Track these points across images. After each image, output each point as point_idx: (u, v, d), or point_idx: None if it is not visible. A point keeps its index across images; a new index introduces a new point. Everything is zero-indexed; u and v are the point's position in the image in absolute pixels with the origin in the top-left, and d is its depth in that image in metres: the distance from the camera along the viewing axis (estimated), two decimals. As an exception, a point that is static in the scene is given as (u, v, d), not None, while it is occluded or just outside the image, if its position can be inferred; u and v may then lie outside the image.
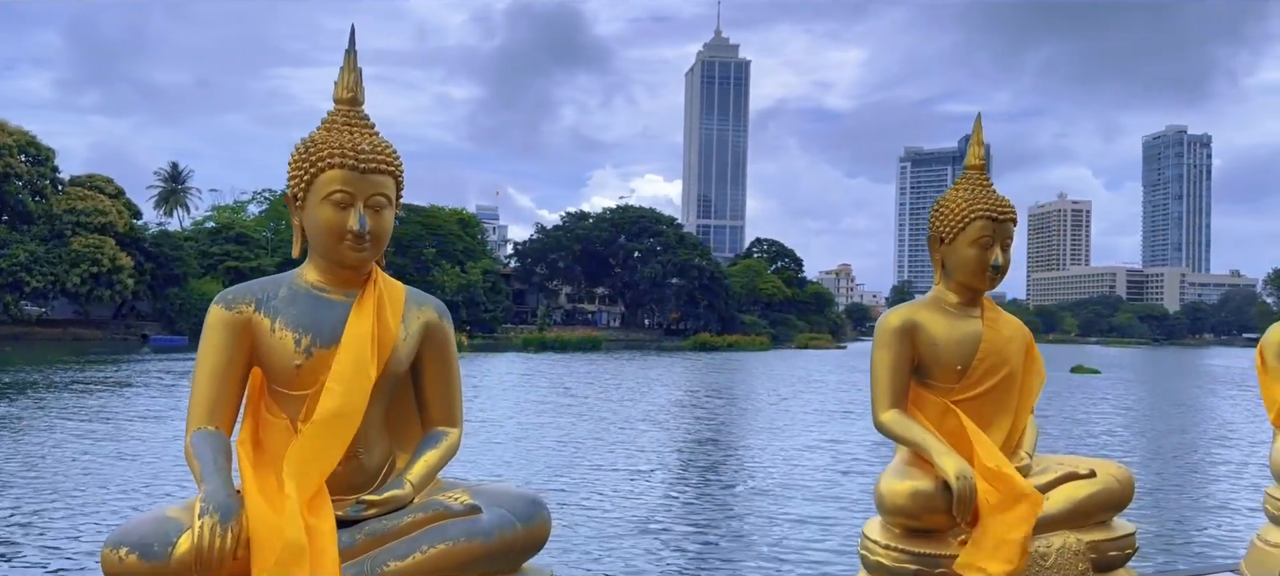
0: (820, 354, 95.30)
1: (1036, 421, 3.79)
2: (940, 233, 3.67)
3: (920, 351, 3.59)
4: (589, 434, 20.82)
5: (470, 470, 15.19)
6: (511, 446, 18.56)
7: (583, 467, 16.06)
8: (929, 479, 3.29)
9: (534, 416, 24.62)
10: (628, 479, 15.00)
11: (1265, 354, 4.56)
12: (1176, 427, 27.24)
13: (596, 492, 13.67)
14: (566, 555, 9.83)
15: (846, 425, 27.74)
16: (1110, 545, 3.46)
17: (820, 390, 41.58)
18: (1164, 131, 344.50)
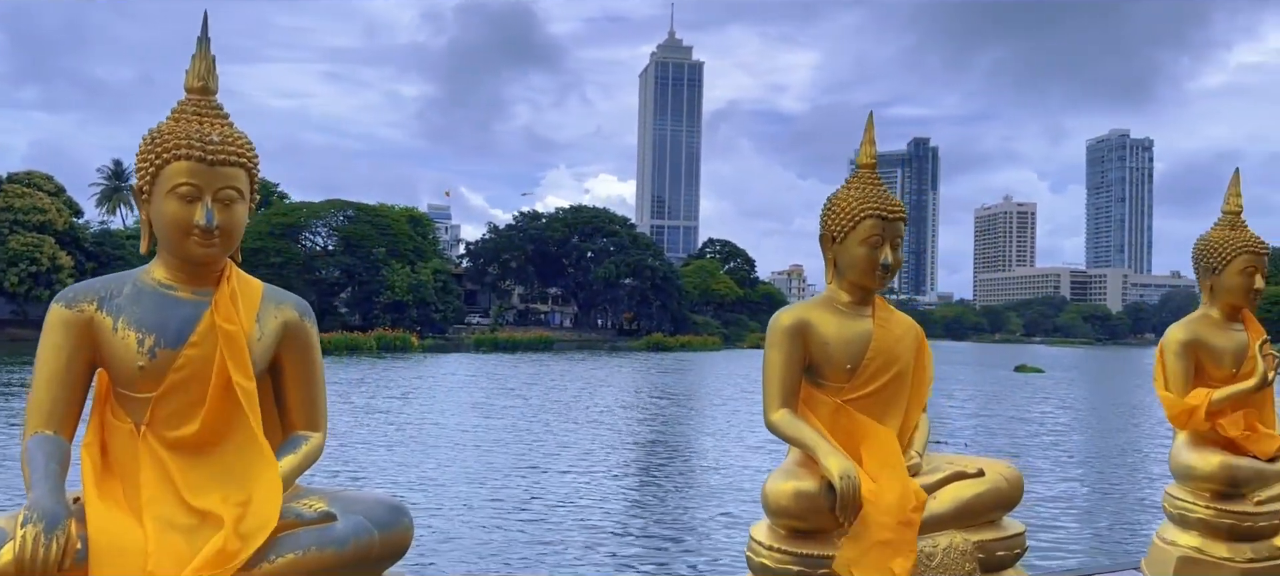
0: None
1: (928, 419, 3.78)
2: (831, 231, 3.65)
3: (811, 351, 3.56)
4: (527, 435, 20.65)
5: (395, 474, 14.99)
6: (445, 448, 18.35)
7: (520, 469, 15.92)
8: (814, 479, 3.25)
9: (472, 417, 24.38)
10: (567, 481, 14.89)
11: (1164, 354, 4.60)
12: (1114, 427, 27.77)
13: (534, 495, 13.55)
14: (491, 559, 9.72)
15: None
16: (998, 544, 3.45)
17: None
18: (1107, 135, 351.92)
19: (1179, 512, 4.35)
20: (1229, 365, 4.52)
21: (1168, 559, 4.31)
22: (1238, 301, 4.58)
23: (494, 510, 12.12)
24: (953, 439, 27.19)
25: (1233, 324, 4.63)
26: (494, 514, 11.88)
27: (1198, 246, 4.75)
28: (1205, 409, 4.41)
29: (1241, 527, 4.20)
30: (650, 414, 27.61)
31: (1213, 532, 4.23)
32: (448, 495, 13.06)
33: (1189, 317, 4.68)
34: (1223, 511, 4.22)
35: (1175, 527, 4.39)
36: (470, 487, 13.81)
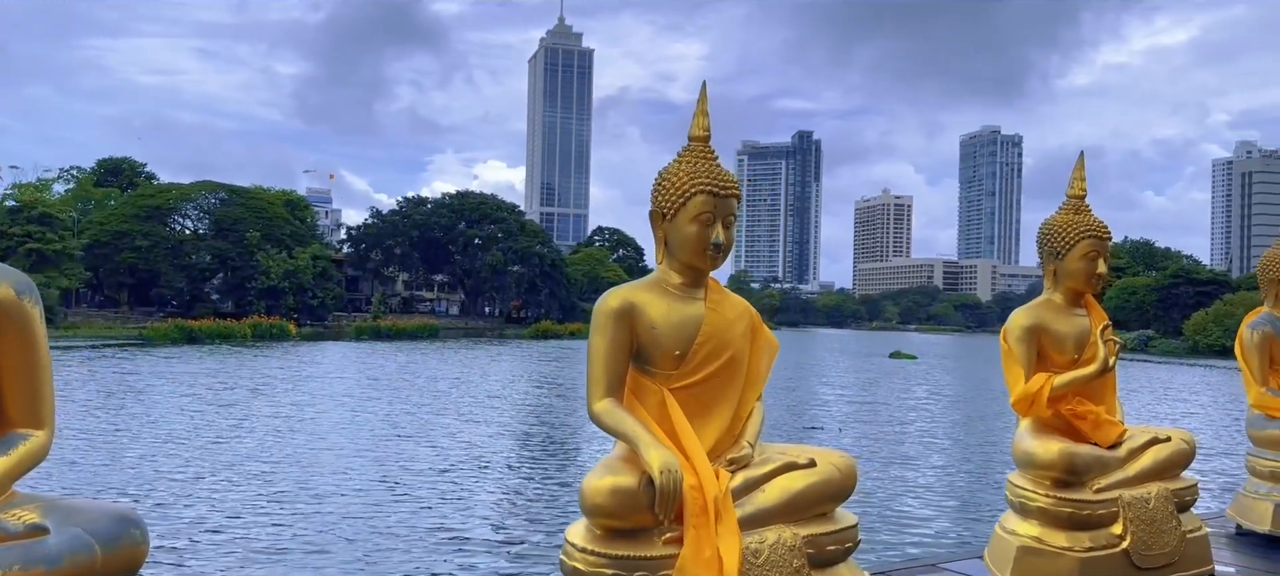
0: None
1: (763, 407, 3.58)
2: (661, 208, 3.41)
3: (639, 335, 3.31)
4: (382, 429, 19.95)
5: (226, 472, 14.24)
6: (299, 441, 17.58)
7: (367, 461, 15.33)
8: (634, 475, 3.00)
9: (334, 409, 23.48)
10: (422, 475, 14.39)
11: (1008, 339, 4.54)
12: (979, 414, 28.70)
13: (388, 490, 13.02)
14: (324, 557, 9.24)
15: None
16: (829, 538, 3.27)
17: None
18: (979, 131, 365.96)
19: (1020, 501, 4.29)
20: (1071, 350, 4.49)
21: (1008, 549, 4.24)
22: (1080, 286, 4.55)
23: (315, 509, 11.53)
24: (829, 425, 27.66)
25: (1075, 309, 4.60)
26: (316, 513, 11.30)
27: (1042, 231, 4.71)
28: (1046, 394, 4.36)
29: (1080, 516, 4.16)
30: (528, 405, 27.20)
31: (1052, 521, 4.18)
32: (271, 496, 12.35)
33: (1032, 303, 4.64)
34: (1062, 499, 4.17)
35: (1016, 516, 4.33)
36: (301, 484, 13.13)
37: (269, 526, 10.51)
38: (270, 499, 12.02)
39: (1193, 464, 4.67)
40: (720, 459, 3.29)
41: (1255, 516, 5.50)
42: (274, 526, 10.54)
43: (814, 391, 38.60)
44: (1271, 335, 5.68)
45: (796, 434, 24.96)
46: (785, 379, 45.65)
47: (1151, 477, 4.39)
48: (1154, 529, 4.26)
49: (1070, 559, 4.08)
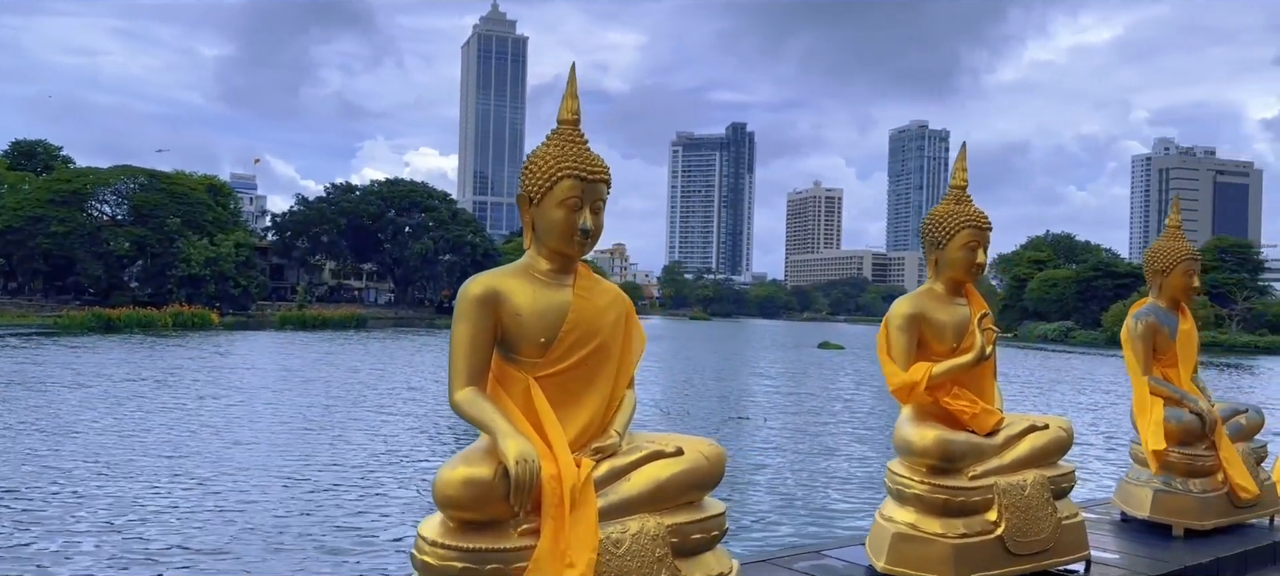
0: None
1: (635, 396, 3.54)
2: (528, 192, 3.34)
3: (503, 322, 3.24)
4: (295, 421, 19.55)
5: (120, 467, 13.82)
6: (198, 436, 17.12)
7: (270, 457, 15.00)
8: (489, 465, 2.93)
9: (242, 402, 22.91)
10: (327, 471, 14.10)
11: (889, 328, 4.57)
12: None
13: (287, 488, 12.71)
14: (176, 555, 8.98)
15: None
16: (694, 527, 3.24)
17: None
18: (908, 126, 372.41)
19: (897, 488, 4.32)
20: (951, 339, 4.53)
21: (884, 536, 4.27)
22: (960, 276, 4.60)
23: (213, 507, 11.21)
24: (755, 415, 27.87)
25: (956, 298, 4.65)
26: (212, 512, 10.97)
27: (925, 221, 4.75)
28: (925, 383, 4.40)
29: (955, 503, 4.20)
30: (441, 400, 26.90)
31: (927, 508, 4.21)
32: (165, 493, 11.96)
33: (914, 292, 4.67)
34: (937, 487, 4.20)
35: (894, 504, 4.36)
36: (199, 481, 12.75)
37: (162, 526, 10.19)
38: (165, 496, 11.65)
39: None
40: (586, 448, 3.24)
41: (1136, 503, 5.64)
42: (167, 525, 10.22)
43: (743, 381, 38.93)
44: (1156, 325, 5.82)
45: (725, 423, 25.13)
46: (716, 369, 45.95)
47: (1028, 465, 4.46)
48: (1029, 515, 4.33)
49: (944, 545, 4.12)
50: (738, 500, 14.82)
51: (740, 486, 16.02)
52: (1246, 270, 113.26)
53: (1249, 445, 5.85)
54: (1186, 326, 5.92)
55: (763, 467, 17.68)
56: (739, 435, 22.66)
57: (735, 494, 15.42)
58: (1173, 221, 6.01)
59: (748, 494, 15.28)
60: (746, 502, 14.66)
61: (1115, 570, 4.69)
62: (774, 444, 20.39)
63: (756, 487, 15.54)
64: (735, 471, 17.37)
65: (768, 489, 15.40)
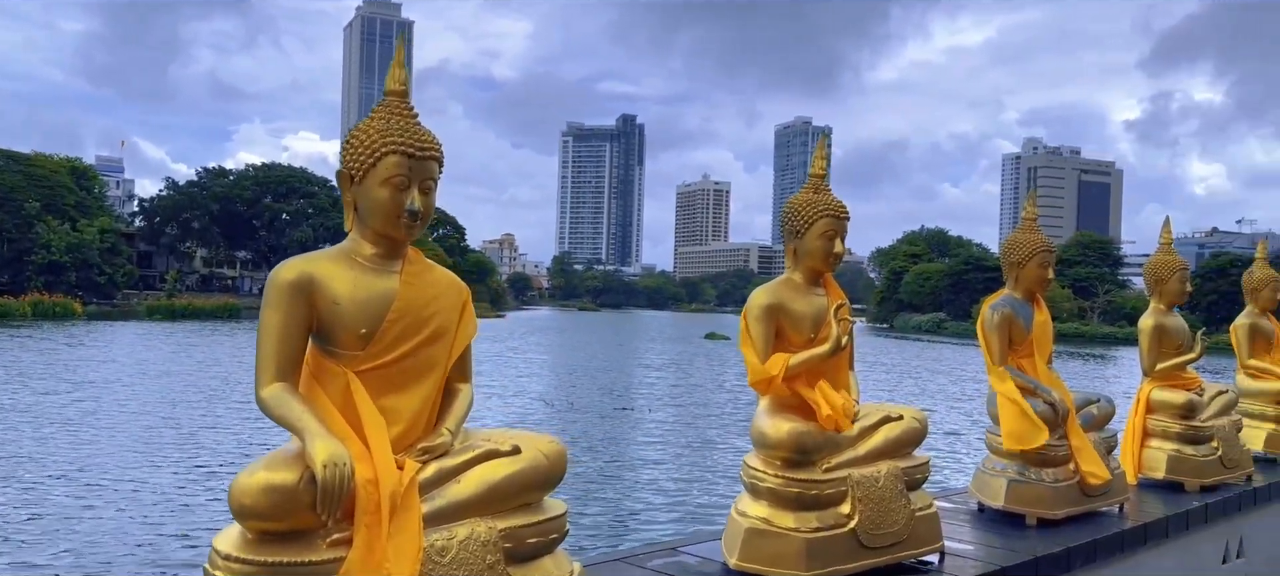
0: (479, 323, 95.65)
1: (471, 390, 3.31)
2: (349, 169, 3.07)
3: (320, 311, 2.96)
4: (133, 419, 18.53)
5: None
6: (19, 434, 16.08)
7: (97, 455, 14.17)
8: (294, 469, 2.66)
9: (80, 398, 21.64)
10: (161, 470, 13.39)
11: (748, 319, 4.45)
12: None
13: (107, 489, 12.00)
14: None
15: (488, 401, 27.23)
16: (531, 530, 3.03)
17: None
18: (793, 121, 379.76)
19: (752, 482, 4.21)
20: (809, 329, 4.45)
21: (737, 531, 4.15)
22: (819, 265, 4.52)
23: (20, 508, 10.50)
24: (640, 405, 27.86)
25: (814, 288, 4.57)
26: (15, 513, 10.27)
27: (783, 210, 4.65)
28: (782, 374, 4.30)
29: (809, 496, 4.11)
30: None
31: (781, 502, 4.11)
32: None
33: (773, 282, 4.57)
34: (791, 480, 4.11)
35: (748, 498, 4.25)
36: None
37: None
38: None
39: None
40: (413, 448, 3.00)
41: (991, 492, 5.70)
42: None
43: (630, 372, 38.95)
44: (1011, 316, 5.88)
45: (609, 415, 25.02)
46: (604, 360, 45.88)
47: (882, 456, 4.41)
48: (882, 507, 4.28)
49: (796, 539, 4.03)
50: (617, 495, 14.71)
51: (625, 482, 15.92)
52: (1107, 265, 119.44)
53: (1100, 434, 5.98)
54: (1042, 317, 6.01)
55: (646, 462, 17.64)
56: (623, 427, 22.59)
57: (614, 488, 15.32)
58: (1028, 214, 6.10)
59: (631, 489, 15.19)
60: (627, 498, 14.56)
61: (968, 561, 4.70)
62: (658, 438, 20.38)
63: (638, 483, 15.47)
64: (621, 466, 17.25)
65: (649, 484, 15.35)
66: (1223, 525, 6.68)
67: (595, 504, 13.79)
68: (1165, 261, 7.24)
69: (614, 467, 16.95)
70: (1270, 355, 8.50)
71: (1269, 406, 8.29)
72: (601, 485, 15.32)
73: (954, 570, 4.56)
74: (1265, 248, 8.93)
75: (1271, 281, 8.51)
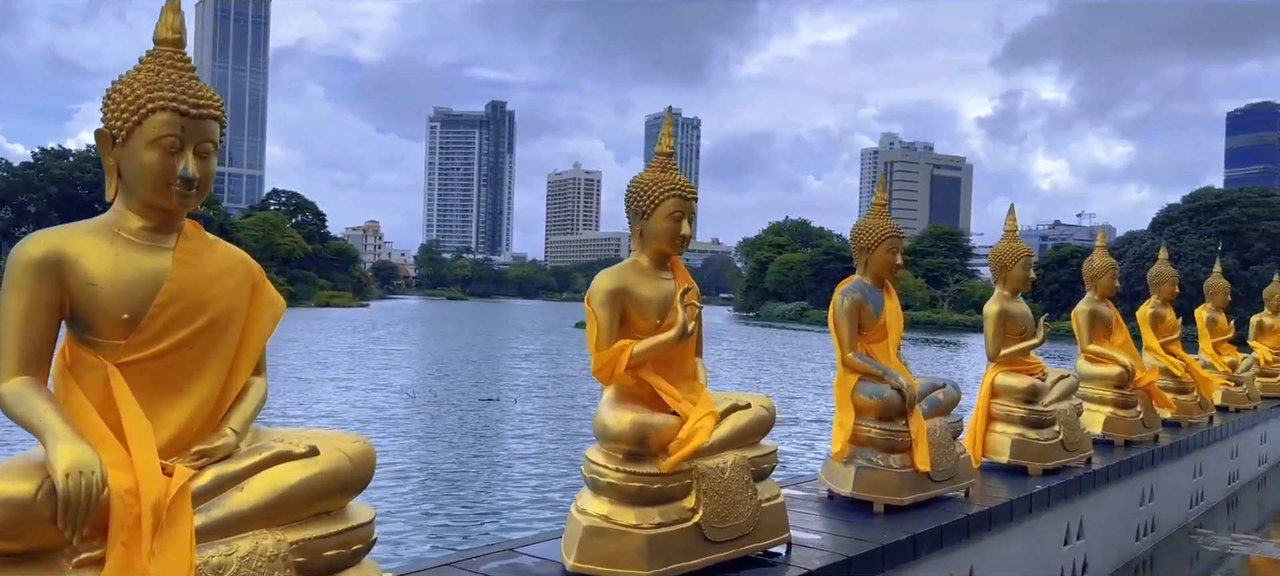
0: (341, 313, 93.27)
1: (265, 384, 2.94)
2: (111, 128, 2.65)
3: (72, 294, 2.55)
4: None
5: None
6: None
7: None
8: (32, 479, 2.25)
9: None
10: None
11: (592, 304, 4.21)
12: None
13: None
14: None
15: (346, 393, 26.41)
16: (330, 541, 2.70)
17: (325, 356, 39.73)
18: (662, 112, 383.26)
19: (592, 477, 3.96)
20: (655, 315, 4.23)
21: (576, 531, 3.90)
22: (666, 247, 4.30)
23: None
24: (506, 396, 27.39)
25: (661, 272, 4.35)
26: None
27: (629, 190, 4.41)
28: (626, 361, 4.06)
29: (651, 490, 3.89)
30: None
31: (622, 497, 3.88)
32: None
33: (618, 266, 4.33)
34: (632, 474, 3.87)
35: (589, 494, 4.00)
36: None
37: None
38: None
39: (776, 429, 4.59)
40: (188, 453, 2.61)
41: (840, 480, 5.63)
42: None
43: (498, 363, 38.32)
44: (861, 302, 5.82)
45: (474, 406, 24.45)
46: (472, 351, 45.03)
47: (729, 446, 4.23)
48: (728, 499, 4.10)
49: (637, 537, 3.80)
50: (479, 492, 14.28)
51: (488, 477, 15.48)
52: (957, 256, 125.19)
53: (946, 420, 5.99)
54: (891, 303, 5.97)
55: (512, 455, 17.24)
56: (489, 420, 22.10)
57: (477, 484, 14.88)
58: (878, 199, 6.06)
59: (494, 484, 14.79)
60: (490, 494, 14.16)
61: (815, 552, 4.58)
62: (526, 431, 20.00)
63: (506, 478, 15.08)
64: (485, 460, 16.80)
65: (515, 479, 14.99)
66: (1063, 507, 6.84)
67: (454, 501, 13.35)
68: (1010, 249, 7.37)
69: (478, 462, 16.51)
70: (1109, 340, 8.82)
71: (1107, 390, 8.59)
72: (462, 481, 14.87)
73: (801, 561, 4.43)
74: (1104, 237, 9.25)
75: (1110, 269, 8.82)
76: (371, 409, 22.21)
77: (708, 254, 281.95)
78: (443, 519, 12.23)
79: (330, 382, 28.17)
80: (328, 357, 38.10)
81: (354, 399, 24.24)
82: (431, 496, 13.40)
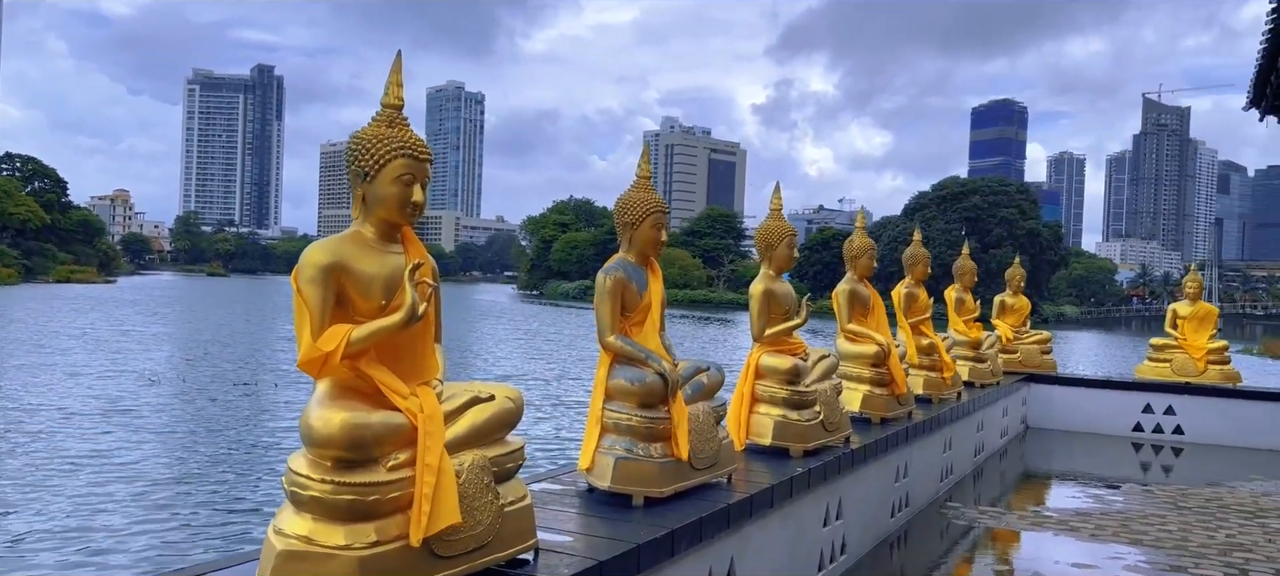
0: (81, 289, 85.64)
1: None
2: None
3: None
4: None
5: None
6: None
7: None
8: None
9: None
10: None
11: (299, 281, 3.55)
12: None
13: None
14: None
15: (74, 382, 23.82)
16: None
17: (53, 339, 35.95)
18: (445, 85, 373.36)
19: (294, 490, 3.31)
20: (380, 295, 3.62)
21: (270, 555, 3.24)
22: (394, 216, 3.70)
23: None
24: (266, 381, 25.68)
25: (389, 245, 3.75)
26: None
27: (348, 147, 3.77)
28: (342, 350, 3.44)
29: (366, 503, 3.28)
30: None
31: (329, 513, 3.25)
32: None
33: (335, 237, 3.68)
34: (344, 485, 3.26)
35: (289, 511, 3.35)
36: None
37: None
38: None
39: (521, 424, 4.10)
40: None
41: (598, 472, 5.22)
42: None
43: (258, 345, 35.91)
44: (624, 281, 5.44)
45: (227, 390, 22.61)
46: (230, 332, 42.01)
47: (467, 444, 3.70)
48: (463, 507, 3.55)
49: (346, 559, 3.19)
50: (232, 488, 13.06)
51: (244, 471, 14.22)
52: (732, 237, 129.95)
53: (709, 404, 5.71)
54: (656, 282, 5.63)
55: (269, 448, 15.97)
56: (243, 407, 20.48)
57: (230, 480, 13.62)
58: (643, 171, 5.68)
59: (250, 482, 13.57)
60: (249, 492, 12.97)
61: (565, 556, 4.14)
62: (285, 420, 18.65)
63: (267, 473, 13.88)
64: (241, 452, 15.41)
65: (278, 472, 13.85)
66: (824, 489, 6.77)
67: (190, 502, 12.09)
68: (775, 227, 7.25)
69: (235, 455, 15.14)
70: (867, 320, 8.95)
71: (865, 368, 8.71)
72: (208, 477, 13.54)
73: (549, 567, 3.97)
74: (864, 218, 9.39)
75: (869, 250, 8.94)
76: (106, 399, 20.03)
77: (493, 232, 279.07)
78: (174, 524, 11.01)
79: (55, 369, 25.34)
80: (56, 340, 34.47)
81: (84, 388, 21.83)
82: (166, 500, 12.06)
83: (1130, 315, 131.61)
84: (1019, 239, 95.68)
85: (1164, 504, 9.91)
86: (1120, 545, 8.20)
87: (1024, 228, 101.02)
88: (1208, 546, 8.14)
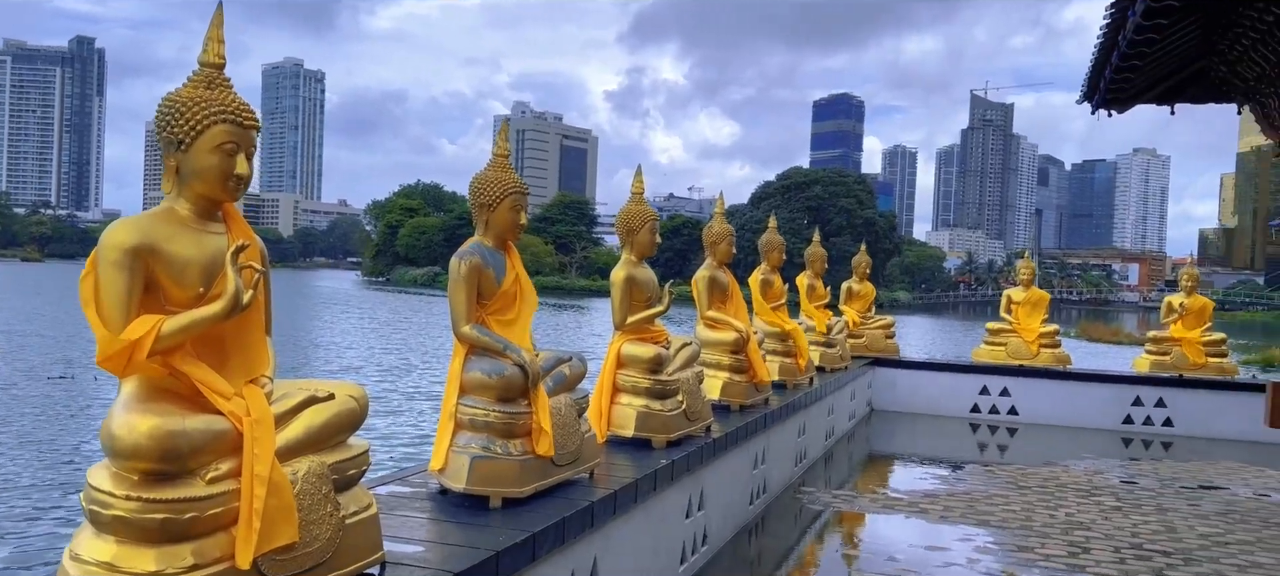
0: None
1: None
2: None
3: None
4: None
5: None
6: None
7: None
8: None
9: None
10: None
11: (97, 265, 3.04)
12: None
13: None
14: None
15: None
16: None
17: None
18: (282, 62, 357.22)
19: (94, 509, 2.82)
20: (197, 281, 3.15)
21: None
22: (213, 191, 3.23)
23: None
24: (80, 378, 23.84)
25: (209, 224, 3.28)
26: None
27: (160, 111, 3.26)
28: (151, 345, 2.96)
29: (181, 522, 2.83)
30: None
31: (136, 534, 2.78)
32: None
33: (144, 214, 3.19)
34: (154, 502, 2.79)
35: (89, 533, 2.86)
36: None
37: None
38: None
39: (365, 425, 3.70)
40: None
41: (452, 472, 4.85)
42: None
43: (77, 334, 33.33)
44: (480, 266, 5.06)
45: (36, 386, 20.85)
46: (46, 321, 38.99)
47: (303, 450, 3.27)
48: (300, 520, 3.14)
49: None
50: (41, 494, 11.90)
51: (60, 476, 13.01)
52: (584, 223, 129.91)
53: (571, 396, 5.41)
54: (516, 268, 5.28)
55: (91, 448, 14.69)
56: (58, 406, 18.88)
57: (52, 489, 12.43)
58: (501, 150, 5.31)
59: (58, 484, 12.40)
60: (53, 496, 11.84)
61: (416, 568, 3.76)
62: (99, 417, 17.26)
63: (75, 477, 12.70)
64: (59, 453, 14.11)
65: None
66: (687, 480, 6.59)
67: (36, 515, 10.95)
68: (636, 211, 7.03)
69: (45, 457, 13.82)
70: (726, 306, 8.84)
71: (725, 355, 8.60)
72: (9, 479, 12.30)
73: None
74: (723, 204, 9.27)
75: (728, 236, 8.83)
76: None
77: (335, 215, 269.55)
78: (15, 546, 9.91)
79: None
80: None
81: None
82: None
83: (958, 300, 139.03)
84: (857, 228, 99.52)
85: (1006, 483, 10.26)
86: (968, 526, 8.40)
87: (862, 217, 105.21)
88: (1050, 525, 8.44)
